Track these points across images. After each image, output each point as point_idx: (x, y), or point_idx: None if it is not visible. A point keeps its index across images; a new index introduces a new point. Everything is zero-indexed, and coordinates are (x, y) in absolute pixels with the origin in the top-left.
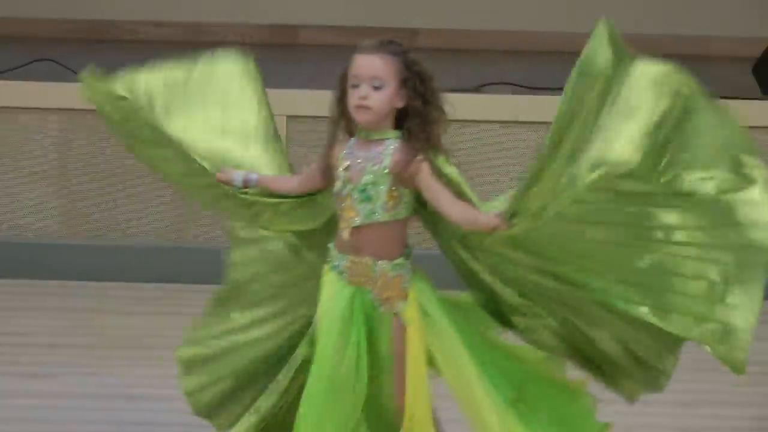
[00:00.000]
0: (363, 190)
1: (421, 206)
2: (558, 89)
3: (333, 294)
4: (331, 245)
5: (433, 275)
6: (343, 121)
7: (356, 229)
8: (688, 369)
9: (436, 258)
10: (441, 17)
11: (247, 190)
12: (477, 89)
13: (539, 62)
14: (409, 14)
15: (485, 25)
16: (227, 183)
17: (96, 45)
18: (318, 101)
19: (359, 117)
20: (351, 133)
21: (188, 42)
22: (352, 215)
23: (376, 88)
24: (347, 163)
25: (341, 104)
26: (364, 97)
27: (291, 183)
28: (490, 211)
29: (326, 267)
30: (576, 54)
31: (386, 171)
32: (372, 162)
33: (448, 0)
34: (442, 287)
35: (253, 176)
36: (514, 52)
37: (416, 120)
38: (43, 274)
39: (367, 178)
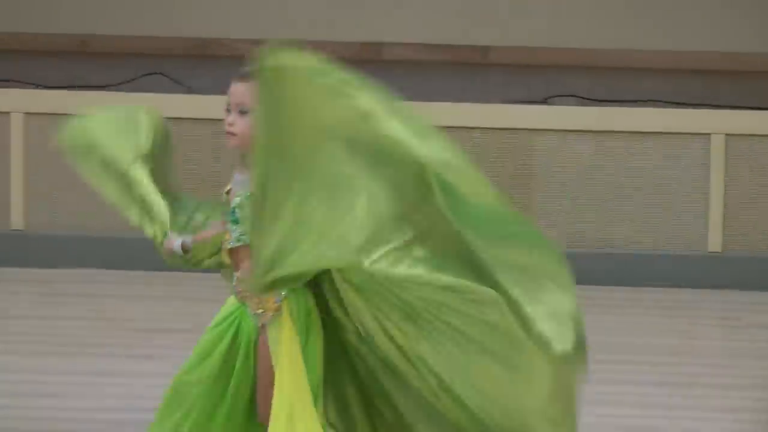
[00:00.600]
0: (233, 213)
1: None
2: (618, 101)
3: (223, 309)
4: None
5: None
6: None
7: (233, 250)
8: (743, 355)
9: None
10: (511, 35)
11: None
12: (544, 101)
13: (602, 77)
14: (483, 32)
15: (552, 43)
16: (172, 253)
17: (201, 61)
18: None
19: (228, 142)
20: None
21: None
22: (227, 237)
23: (242, 114)
24: (230, 186)
25: None
26: (231, 123)
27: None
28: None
29: None
30: (634, 70)
31: (249, 195)
32: (243, 186)
33: (518, 19)
34: None
35: (188, 239)
36: (579, 68)
37: None
38: (151, 266)
39: (235, 201)
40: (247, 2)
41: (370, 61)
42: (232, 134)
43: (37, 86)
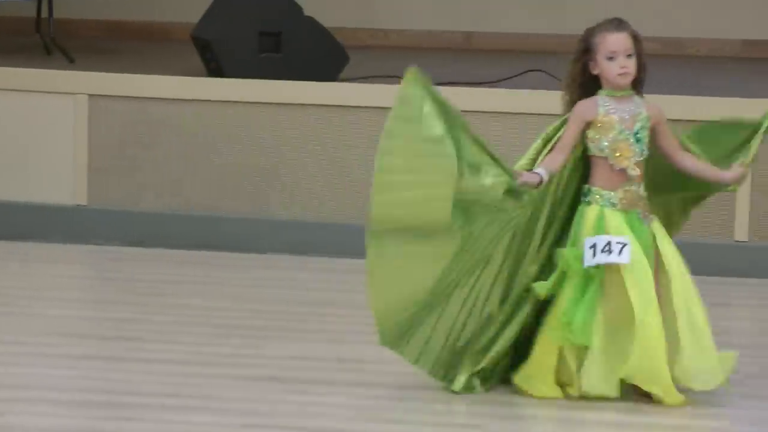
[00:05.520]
0: (635, 134)
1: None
2: None
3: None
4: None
5: None
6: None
7: (638, 164)
8: None
9: None
10: None
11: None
12: None
13: None
14: None
15: None
16: (528, 186)
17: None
18: None
19: (623, 81)
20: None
21: (666, 55)
22: (628, 154)
23: (629, 57)
24: (599, 113)
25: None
26: (625, 66)
27: (564, 154)
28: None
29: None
30: None
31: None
32: (635, 110)
33: None
34: None
35: (542, 172)
36: None
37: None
38: None
39: (637, 125)
40: (630, 1)
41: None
42: (628, 74)
43: None
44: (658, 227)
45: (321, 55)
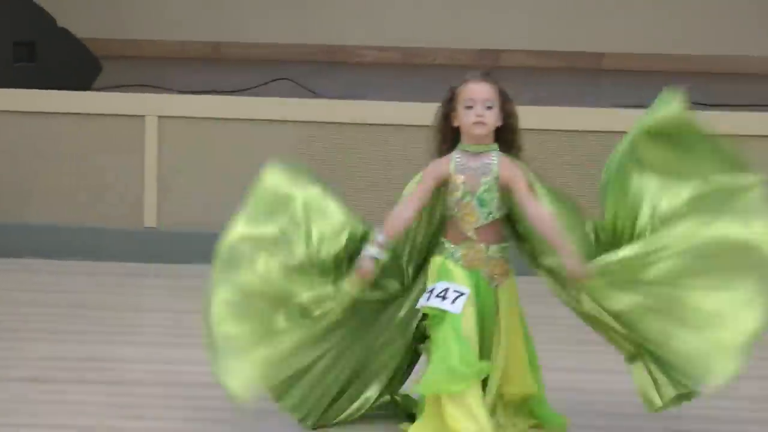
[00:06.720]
0: (479, 197)
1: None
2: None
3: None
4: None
5: None
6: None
7: (481, 228)
8: None
9: None
10: (625, 42)
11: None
12: None
13: (712, 82)
14: (596, 39)
15: (666, 50)
16: (369, 275)
17: (327, 66)
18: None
19: (477, 130)
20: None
21: (405, 64)
22: (472, 219)
23: (489, 108)
24: (456, 174)
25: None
26: (481, 115)
27: (410, 211)
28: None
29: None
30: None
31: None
32: (483, 173)
33: (632, 26)
34: None
35: (381, 237)
36: (691, 73)
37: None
38: None
39: (483, 187)
40: (371, 11)
41: (488, 67)
42: (483, 124)
43: (172, 91)
44: (507, 294)
45: (75, 65)
